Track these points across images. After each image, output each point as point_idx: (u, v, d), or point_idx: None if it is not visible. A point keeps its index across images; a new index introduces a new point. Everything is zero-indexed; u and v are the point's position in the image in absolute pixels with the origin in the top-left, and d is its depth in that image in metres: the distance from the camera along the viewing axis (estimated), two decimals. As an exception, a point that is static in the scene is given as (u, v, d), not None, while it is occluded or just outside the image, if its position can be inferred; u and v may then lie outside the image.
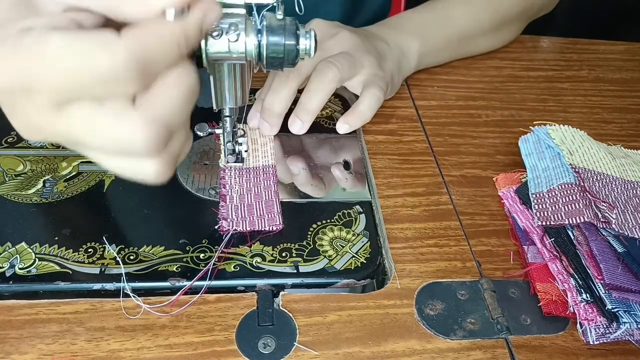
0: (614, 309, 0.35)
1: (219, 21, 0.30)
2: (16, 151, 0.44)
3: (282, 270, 0.38)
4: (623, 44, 0.69)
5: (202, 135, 0.46)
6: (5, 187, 0.41)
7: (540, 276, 0.39)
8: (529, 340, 0.36)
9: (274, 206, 0.41)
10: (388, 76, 0.51)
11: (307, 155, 0.47)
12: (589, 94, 0.60)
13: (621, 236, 0.40)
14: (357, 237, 0.41)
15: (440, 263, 0.40)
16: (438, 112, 0.54)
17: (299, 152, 0.47)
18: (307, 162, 0.47)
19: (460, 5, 0.59)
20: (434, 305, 0.37)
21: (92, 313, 0.35)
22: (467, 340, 0.36)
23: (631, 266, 0.38)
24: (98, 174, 0.43)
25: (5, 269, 0.36)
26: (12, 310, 0.34)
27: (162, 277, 0.37)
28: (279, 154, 0.47)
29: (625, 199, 0.43)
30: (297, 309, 0.36)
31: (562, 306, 0.37)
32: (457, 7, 0.59)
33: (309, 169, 0.46)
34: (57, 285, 0.36)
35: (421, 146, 0.50)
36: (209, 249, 0.39)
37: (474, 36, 0.60)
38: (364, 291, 0.39)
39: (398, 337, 0.35)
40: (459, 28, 0.59)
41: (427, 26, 0.57)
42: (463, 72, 0.61)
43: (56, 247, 0.38)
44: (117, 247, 0.38)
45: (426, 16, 0.58)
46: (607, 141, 0.51)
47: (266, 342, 0.34)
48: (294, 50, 0.32)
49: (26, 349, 0.32)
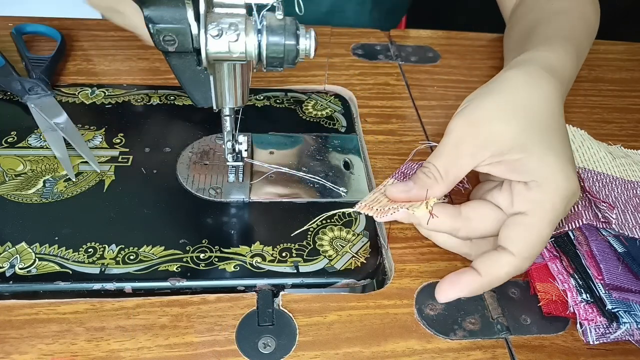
0: (614, 309, 0.35)
1: (219, 21, 0.30)
2: (16, 151, 0.44)
3: (282, 270, 0.38)
4: (623, 44, 0.69)
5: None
6: (5, 187, 0.41)
7: (540, 276, 0.39)
8: (529, 340, 0.36)
9: None
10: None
11: (308, 156, 0.47)
12: (589, 94, 0.60)
13: (621, 236, 0.40)
14: (357, 237, 0.41)
15: (440, 263, 0.40)
16: (438, 112, 0.54)
17: (297, 153, 0.47)
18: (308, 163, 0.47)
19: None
20: (434, 305, 0.37)
21: (92, 313, 0.35)
22: (467, 340, 0.36)
23: (631, 266, 0.38)
24: (98, 174, 0.43)
25: (5, 269, 0.36)
26: (12, 310, 0.34)
27: (162, 277, 0.37)
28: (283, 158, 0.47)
29: (625, 199, 0.43)
30: (297, 309, 0.36)
31: (562, 306, 0.37)
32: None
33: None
34: (57, 285, 0.36)
35: (422, 147, 0.50)
36: (209, 248, 0.39)
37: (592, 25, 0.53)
38: (364, 291, 0.39)
39: (398, 337, 0.35)
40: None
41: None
42: (463, 72, 0.61)
43: (56, 247, 0.38)
44: (117, 247, 0.38)
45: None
46: (607, 141, 0.51)
47: (266, 342, 0.34)
48: (294, 50, 0.32)
49: (26, 349, 0.32)
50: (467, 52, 0.64)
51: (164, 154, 0.46)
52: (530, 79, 0.38)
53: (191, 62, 0.33)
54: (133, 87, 0.52)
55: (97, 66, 0.54)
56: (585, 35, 0.50)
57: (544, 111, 0.37)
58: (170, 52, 0.31)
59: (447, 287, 0.36)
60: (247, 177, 0.44)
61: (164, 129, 0.48)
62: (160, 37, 0.30)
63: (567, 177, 0.35)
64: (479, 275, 0.35)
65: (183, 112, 0.50)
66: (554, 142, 0.36)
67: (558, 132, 0.37)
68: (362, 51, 0.62)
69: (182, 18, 0.30)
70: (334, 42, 0.62)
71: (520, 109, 0.36)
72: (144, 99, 0.51)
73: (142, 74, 0.54)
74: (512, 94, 0.37)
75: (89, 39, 0.58)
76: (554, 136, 0.36)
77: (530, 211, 0.34)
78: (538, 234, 0.34)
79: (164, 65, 0.55)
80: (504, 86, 0.38)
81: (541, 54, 0.42)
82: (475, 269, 0.35)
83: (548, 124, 0.36)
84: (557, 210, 0.34)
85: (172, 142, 0.47)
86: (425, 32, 0.67)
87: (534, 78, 0.38)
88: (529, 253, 0.34)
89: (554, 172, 0.35)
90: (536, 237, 0.34)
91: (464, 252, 0.40)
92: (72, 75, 0.53)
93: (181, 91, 0.52)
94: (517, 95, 0.37)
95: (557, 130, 0.37)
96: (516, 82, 0.38)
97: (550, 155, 0.35)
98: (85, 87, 0.51)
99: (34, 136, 0.46)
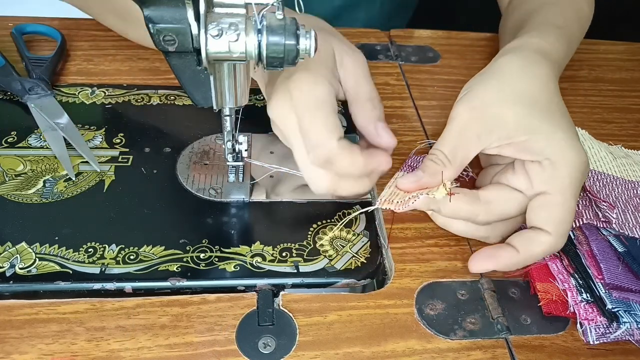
0: (614, 308, 0.35)
1: (219, 21, 0.30)
2: (16, 151, 0.44)
3: (282, 270, 0.38)
4: (623, 44, 0.69)
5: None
6: (5, 187, 0.41)
7: (541, 276, 0.39)
8: (529, 340, 0.36)
9: None
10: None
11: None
12: (589, 94, 0.60)
13: (621, 236, 0.40)
14: (357, 237, 0.41)
15: (440, 263, 0.40)
16: (438, 112, 0.54)
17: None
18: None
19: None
20: (434, 305, 0.37)
21: (92, 313, 0.35)
22: (467, 340, 0.36)
23: (631, 266, 0.38)
24: (98, 174, 0.43)
25: (5, 268, 0.36)
26: (12, 310, 0.34)
27: (162, 277, 0.37)
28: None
29: (625, 199, 0.43)
30: (297, 309, 0.36)
31: (562, 306, 0.37)
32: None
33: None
34: (57, 285, 0.36)
35: (421, 146, 0.50)
36: (209, 248, 0.39)
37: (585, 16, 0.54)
38: (364, 291, 0.39)
39: (398, 337, 0.35)
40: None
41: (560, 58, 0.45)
42: (463, 72, 0.60)
43: (56, 247, 0.38)
44: (117, 247, 0.38)
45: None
46: (608, 141, 0.51)
47: (266, 342, 0.34)
48: (294, 50, 0.32)
49: (26, 349, 0.32)
50: (467, 52, 0.64)
51: (164, 154, 0.46)
52: (525, 63, 0.40)
53: (191, 62, 0.33)
54: (133, 87, 0.52)
55: (97, 66, 0.54)
56: (577, 26, 0.52)
57: (543, 93, 0.38)
58: (170, 52, 0.31)
59: (483, 259, 0.38)
60: (247, 177, 0.44)
61: (164, 129, 0.48)
62: (160, 37, 0.30)
63: (577, 152, 0.36)
64: (516, 252, 0.37)
65: (183, 112, 0.50)
66: (557, 120, 0.37)
67: (558, 111, 0.38)
68: (362, 51, 0.61)
69: (182, 18, 0.30)
70: (334, 42, 0.62)
71: (520, 93, 0.38)
72: (144, 99, 0.51)
73: (142, 74, 0.54)
74: (511, 79, 0.39)
75: (89, 39, 0.58)
76: (556, 114, 0.38)
77: (552, 190, 0.36)
78: (566, 210, 0.36)
79: (164, 65, 0.55)
80: (502, 72, 0.39)
81: (532, 40, 0.43)
82: (513, 245, 0.37)
83: (549, 104, 0.38)
84: (575, 184, 0.36)
85: (172, 142, 0.47)
86: (425, 32, 0.67)
87: (528, 62, 0.40)
88: (564, 229, 0.36)
89: (563, 149, 0.36)
90: (566, 213, 0.36)
91: (482, 236, 0.40)
92: (72, 75, 0.53)
93: (181, 91, 0.52)
94: (515, 80, 0.38)
95: (557, 109, 0.38)
96: (512, 68, 0.39)
97: (558, 132, 0.36)
98: (85, 87, 0.51)
99: (34, 136, 0.46)
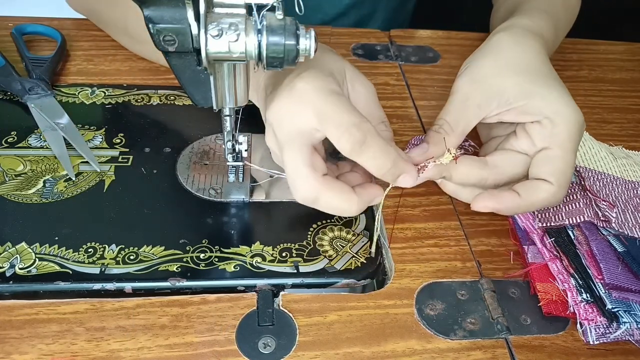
0: (614, 308, 0.35)
1: (219, 21, 0.30)
2: (16, 151, 0.44)
3: (282, 270, 0.38)
4: (623, 44, 0.69)
5: None
6: (5, 187, 0.41)
7: (541, 276, 0.39)
8: (529, 340, 0.36)
9: None
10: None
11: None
12: (588, 94, 0.60)
13: (621, 235, 0.40)
14: (357, 237, 0.41)
15: (440, 263, 0.40)
16: (438, 112, 0.54)
17: None
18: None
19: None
20: (434, 305, 0.37)
21: (92, 313, 0.35)
22: (467, 340, 0.36)
23: (631, 266, 0.38)
24: (98, 174, 0.43)
25: (5, 269, 0.36)
26: (12, 310, 0.34)
27: (162, 277, 0.37)
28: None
29: (625, 199, 0.43)
30: (297, 309, 0.36)
31: (562, 306, 0.37)
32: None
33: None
34: (57, 285, 0.36)
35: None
36: (209, 248, 0.39)
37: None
38: (364, 291, 0.39)
39: (398, 337, 0.35)
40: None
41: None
42: (463, 72, 0.60)
43: (56, 247, 0.38)
44: (117, 247, 0.38)
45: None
46: (608, 141, 0.51)
47: (266, 342, 0.34)
48: (294, 50, 0.32)
49: (26, 349, 0.32)
50: (467, 52, 0.63)
51: (164, 154, 0.46)
52: (518, 38, 0.43)
53: (191, 62, 0.33)
54: (133, 87, 0.52)
55: (97, 66, 0.54)
56: (564, 14, 0.55)
57: (537, 62, 0.42)
58: (170, 52, 0.31)
59: (486, 198, 0.40)
60: (247, 177, 0.44)
61: (164, 129, 0.48)
62: (160, 37, 0.30)
63: (573, 109, 0.39)
64: (519, 197, 0.39)
65: (183, 112, 0.50)
66: (551, 83, 0.40)
67: (551, 75, 0.41)
68: (362, 51, 0.62)
69: (182, 18, 0.30)
70: (334, 42, 0.62)
71: (515, 63, 0.41)
72: (144, 99, 0.51)
73: (142, 74, 0.54)
74: (506, 53, 0.42)
75: (89, 39, 0.58)
76: (549, 78, 0.41)
77: (553, 144, 0.39)
78: (566, 163, 0.39)
79: (163, 65, 0.55)
80: (497, 47, 0.43)
81: (522, 21, 0.46)
82: (516, 191, 0.39)
83: (543, 72, 0.41)
84: (574, 138, 0.39)
85: (172, 142, 0.47)
86: (425, 32, 0.67)
87: (521, 37, 0.43)
88: (564, 180, 0.39)
89: (560, 107, 0.39)
90: (566, 166, 0.39)
91: None
92: (72, 75, 0.53)
93: (181, 91, 0.52)
94: (510, 53, 0.42)
95: (550, 74, 0.41)
96: (507, 43, 0.43)
97: (554, 93, 0.39)
98: (85, 87, 0.51)
99: (34, 136, 0.46)
